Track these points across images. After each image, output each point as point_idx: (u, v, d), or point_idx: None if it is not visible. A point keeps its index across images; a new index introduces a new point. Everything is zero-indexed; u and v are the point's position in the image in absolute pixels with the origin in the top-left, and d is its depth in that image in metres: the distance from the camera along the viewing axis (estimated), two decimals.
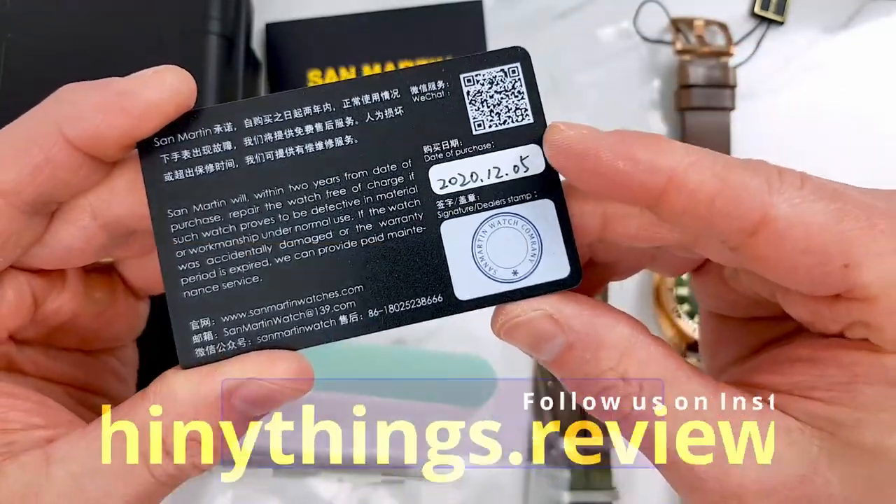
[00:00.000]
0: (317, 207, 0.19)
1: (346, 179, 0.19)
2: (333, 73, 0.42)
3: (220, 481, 0.38)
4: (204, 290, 0.19)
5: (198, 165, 0.19)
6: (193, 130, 0.19)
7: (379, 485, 0.38)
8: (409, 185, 0.20)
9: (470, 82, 0.20)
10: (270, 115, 0.19)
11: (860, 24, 0.45)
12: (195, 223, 0.19)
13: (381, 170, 0.19)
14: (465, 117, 0.20)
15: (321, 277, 0.19)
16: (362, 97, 0.19)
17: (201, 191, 0.19)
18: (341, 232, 0.19)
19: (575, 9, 0.44)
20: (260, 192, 0.19)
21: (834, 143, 0.43)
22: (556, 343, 0.18)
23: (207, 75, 0.35)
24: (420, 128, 0.20)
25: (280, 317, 0.19)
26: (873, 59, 0.45)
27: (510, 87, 0.20)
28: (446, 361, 0.37)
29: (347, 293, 0.19)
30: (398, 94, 0.20)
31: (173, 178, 0.19)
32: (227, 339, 0.19)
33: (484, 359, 0.37)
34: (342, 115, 0.19)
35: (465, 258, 0.20)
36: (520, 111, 0.20)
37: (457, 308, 0.20)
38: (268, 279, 0.19)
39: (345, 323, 0.19)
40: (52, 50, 0.35)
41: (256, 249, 0.19)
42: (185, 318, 0.19)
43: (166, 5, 0.35)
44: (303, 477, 0.38)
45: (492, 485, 0.39)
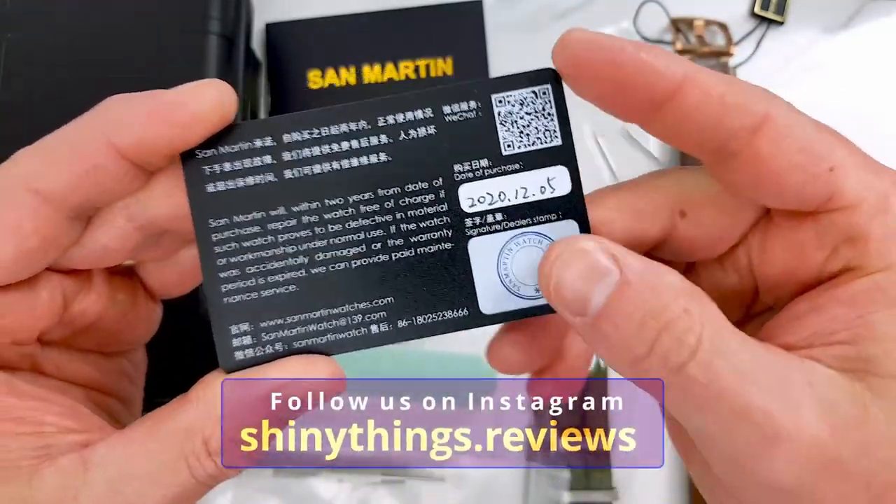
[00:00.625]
0: (351, 222, 0.20)
1: (380, 196, 0.20)
2: (333, 73, 0.42)
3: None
4: (244, 296, 0.20)
5: (238, 178, 0.20)
6: (234, 143, 0.20)
7: (379, 485, 0.38)
8: (439, 203, 0.20)
9: (501, 103, 0.20)
10: (309, 132, 0.20)
11: (860, 24, 0.45)
12: (236, 233, 0.20)
13: (413, 187, 0.20)
14: (496, 138, 0.20)
15: (354, 288, 0.20)
16: (396, 116, 0.20)
17: (242, 202, 0.20)
18: (374, 246, 0.20)
19: (575, 9, 0.44)
20: (298, 206, 0.20)
21: None
22: (611, 279, 0.17)
23: (207, 75, 0.35)
24: (451, 147, 0.20)
25: (316, 324, 0.20)
26: (873, 59, 0.45)
27: (540, 109, 0.20)
28: (446, 361, 0.37)
29: (379, 304, 0.20)
30: (431, 114, 0.20)
31: (215, 189, 0.20)
32: (266, 343, 0.20)
33: (483, 358, 0.37)
34: (377, 133, 0.20)
35: (490, 274, 0.20)
36: (549, 133, 0.20)
37: (481, 321, 0.21)
38: (304, 288, 0.20)
39: (376, 332, 0.21)
40: (52, 50, 0.35)
41: (294, 260, 0.20)
42: (226, 322, 0.20)
43: (166, 5, 0.35)
44: (303, 477, 0.38)
45: (492, 485, 0.39)
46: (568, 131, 0.20)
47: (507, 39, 0.43)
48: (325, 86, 0.42)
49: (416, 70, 0.42)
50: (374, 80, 0.42)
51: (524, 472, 0.39)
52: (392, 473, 0.38)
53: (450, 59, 0.42)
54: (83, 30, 0.35)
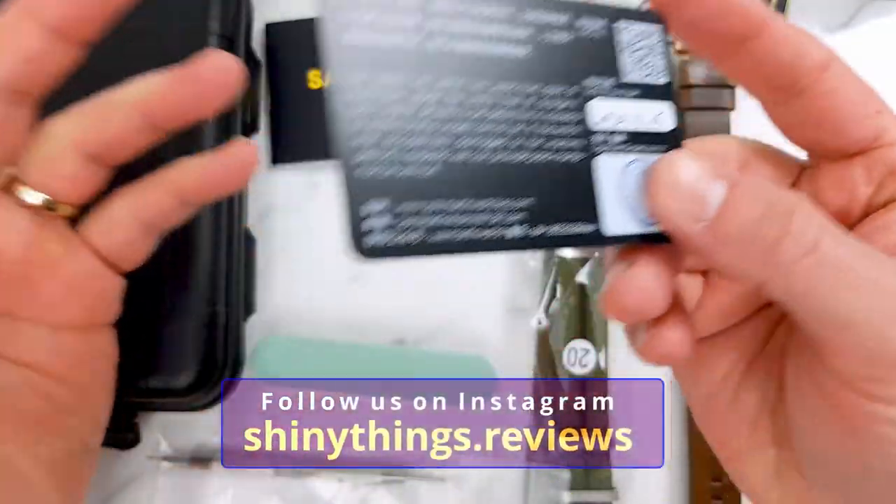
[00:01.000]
0: (494, 112, 0.18)
1: (522, 92, 0.19)
2: None
3: (220, 480, 0.38)
4: (379, 170, 0.17)
5: (380, 34, 0.17)
6: None
7: (379, 485, 0.38)
8: (572, 112, 0.19)
9: (626, 31, 0.20)
10: (457, 3, 0.18)
11: (860, 23, 0.45)
12: (374, 96, 0.17)
13: (552, 91, 0.19)
14: (617, 62, 0.20)
15: (496, 183, 0.18)
16: (539, 14, 0.19)
17: (382, 62, 0.17)
18: (514, 142, 0.18)
19: None
20: (442, 81, 0.18)
21: None
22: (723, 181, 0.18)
23: None
24: (583, 59, 0.20)
25: (455, 216, 0.18)
26: (874, 59, 0.45)
27: (653, 45, 0.20)
28: (446, 361, 0.37)
29: (520, 204, 0.18)
30: (567, 22, 0.19)
31: (351, 41, 0.17)
32: (404, 229, 0.17)
33: (484, 358, 0.37)
34: (521, 26, 0.19)
35: (613, 194, 0.19)
36: (657, 70, 0.21)
37: (603, 241, 0.19)
38: (445, 173, 0.17)
39: (511, 236, 0.18)
40: None
41: (435, 140, 0.17)
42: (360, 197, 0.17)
43: (166, 5, 0.35)
44: (303, 477, 0.38)
45: (492, 485, 0.39)
46: (671, 73, 0.21)
47: None
48: (326, 86, 0.42)
49: None
50: None
51: (524, 471, 0.39)
52: (392, 473, 0.38)
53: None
54: None
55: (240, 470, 0.37)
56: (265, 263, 0.40)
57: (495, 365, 0.37)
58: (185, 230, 0.33)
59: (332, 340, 0.38)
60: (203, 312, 0.33)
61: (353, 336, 0.39)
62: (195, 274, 0.33)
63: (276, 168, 0.41)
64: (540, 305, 0.40)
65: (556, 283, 0.40)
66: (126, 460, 0.38)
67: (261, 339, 0.37)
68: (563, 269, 0.40)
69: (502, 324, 0.40)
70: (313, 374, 0.36)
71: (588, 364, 0.39)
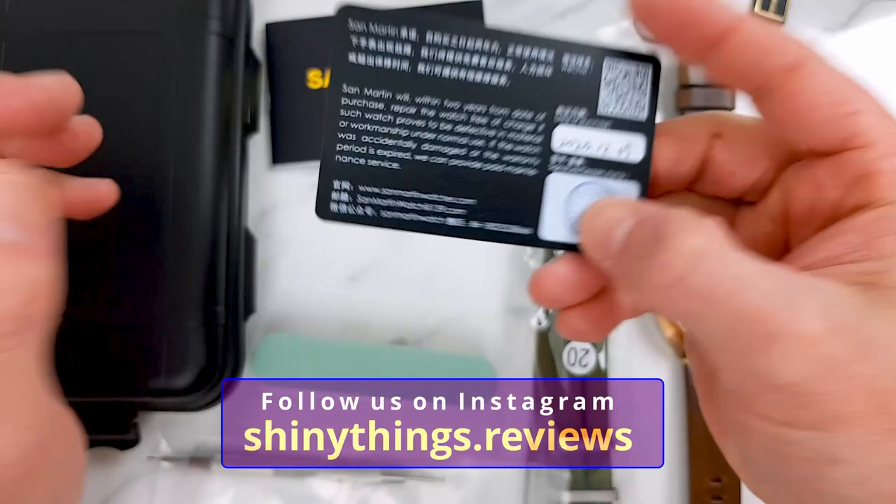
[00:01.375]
0: (461, 126, 0.23)
1: (491, 113, 0.23)
2: None
3: (221, 480, 0.38)
4: (353, 159, 0.23)
5: (378, 57, 0.22)
6: (383, 25, 0.22)
7: (379, 485, 0.38)
8: (536, 135, 0.23)
9: (610, 69, 0.23)
10: (450, 37, 0.23)
11: (860, 23, 0.45)
12: (363, 104, 0.23)
13: (520, 115, 0.23)
14: (597, 96, 0.23)
15: (445, 183, 0.23)
16: (524, 50, 0.23)
17: (375, 79, 0.22)
18: (472, 153, 0.23)
19: (574, 9, 0.44)
20: (420, 98, 0.23)
21: None
22: (627, 224, 0.20)
23: (207, 75, 0.35)
24: (560, 91, 0.23)
25: (404, 202, 0.23)
26: (874, 59, 0.45)
27: (638, 85, 0.23)
28: (446, 361, 0.37)
29: (461, 202, 0.23)
30: (552, 58, 0.23)
31: (356, 60, 0.22)
32: (359, 204, 0.23)
33: (484, 358, 0.37)
34: (504, 59, 0.23)
35: (557, 207, 0.24)
36: (639, 107, 0.23)
37: (537, 243, 0.24)
38: (405, 169, 0.23)
39: (451, 224, 0.23)
40: (52, 50, 0.35)
41: (403, 143, 0.23)
42: (331, 176, 0.23)
43: (166, 5, 0.35)
44: (303, 477, 0.38)
45: (492, 485, 0.39)
46: (654, 109, 0.23)
47: None
48: (325, 86, 0.42)
49: None
50: None
51: (524, 471, 0.39)
52: (392, 473, 0.38)
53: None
54: (84, 31, 0.35)
55: (240, 470, 0.37)
56: (265, 263, 0.40)
57: (495, 365, 0.37)
58: (184, 229, 0.33)
59: (332, 340, 0.38)
60: (203, 312, 0.33)
61: (353, 336, 0.39)
62: (195, 274, 0.33)
63: (275, 168, 0.41)
64: (539, 305, 0.40)
65: None
66: (126, 460, 0.38)
67: (261, 339, 0.38)
68: None
69: (502, 324, 0.40)
70: (313, 373, 0.36)
71: (588, 364, 0.39)
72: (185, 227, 0.33)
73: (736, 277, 0.18)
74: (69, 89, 0.25)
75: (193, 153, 0.34)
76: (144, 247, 0.32)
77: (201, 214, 0.33)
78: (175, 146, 0.34)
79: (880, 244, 0.18)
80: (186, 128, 0.34)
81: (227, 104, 0.36)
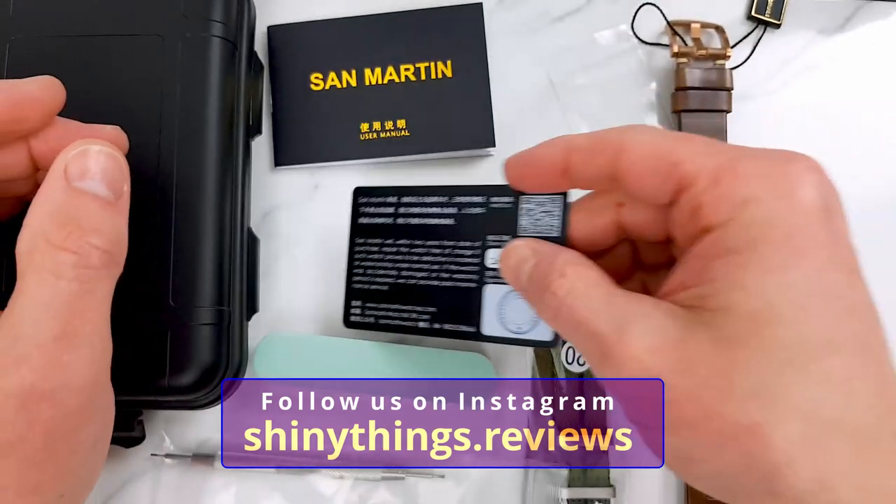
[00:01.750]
0: (424, 257, 0.32)
1: (443, 245, 0.32)
2: (334, 76, 0.42)
3: (223, 478, 0.38)
4: (362, 285, 0.34)
5: (375, 217, 0.34)
6: (377, 196, 0.34)
7: (379, 482, 0.38)
8: (474, 257, 0.31)
9: (527, 202, 0.30)
10: (416, 198, 0.33)
11: (856, 26, 0.45)
12: (366, 248, 0.34)
13: (463, 244, 0.31)
14: (517, 223, 0.30)
15: (416, 297, 0.33)
16: (463, 198, 0.32)
17: (372, 232, 0.34)
18: (432, 275, 0.32)
19: (573, 12, 0.45)
20: (399, 240, 0.33)
21: (830, 145, 0.43)
22: (529, 264, 0.26)
23: (210, 78, 0.35)
24: (489, 223, 0.31)
25: (392, 312, 0.33)
26: (870, 62, 0.45)
27: (550, 211, 0.29)
28: (446, 360, 0.37)
29: (427, 310, 0.32)
30: (483, 201, 0.31)
31: (362, 221, 0.34)
32: (367, 315, 0.34)
33: (484, 357, 0.37)
34: (450, 206, 0.32)
35: (492, 310, 0.31)
36: (551, 227, 0.29)
37: (480, 338, 0.31)
38: (390, 290, 0.33)
39: (421, 327, 0.33)
40: (56, 52, 0.35)
41: (389, 272, 0.33)
42: (351, 297, 0.34)
43: (170, 9, 0.36)
44: (304, 474, 0.38)
45: (491, 482, 0.39)
46: (565, 229, 0.28)
47: (506, 42, 0.44)
48: (327, 87, 0.42)
49: (417, 72, 0.42)
50: (374, 83, 0.42)
51: (523, 469, 0.39)
52: (392, 471, 0.38)
53: (450, 61, 0.42)
54: (87, 32, 0.35)
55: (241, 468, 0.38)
56: (268, 263, 0.41)
57: (495, 364, 0.37)
58: (189, 230, 0.33)
59: (332, 340, 0.38)
60: (209, 312, 0.33)
61: (353, 336, 0.40)
62: (201, 274, 0.33)
63: (278, 170, 0.42)
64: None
65: None
66: (129, 457, 0.38)
67: (262, 339, 0.38)
68: None
69: None
70: (313, 373, 0.36)
71: (586, 362, 0.40)
72: (189, 227, 0.33)
73: (589, 309, 0.22)
74: (49, 91, 0.28)
75: (197, 155, 0.34)
76: (150, 247, 0.33)
77: (206, 215, 0.34)
78: (179, 148, 0.34)
79: (712, 268, 0.21)
80: (190, 130, 0.34)
81: (230, 106, 0.36)
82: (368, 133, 0.41)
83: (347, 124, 0.42)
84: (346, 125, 0.42)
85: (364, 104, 0.42)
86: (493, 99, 0.42)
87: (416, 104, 0.42)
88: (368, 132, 0.41)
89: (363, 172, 0.42)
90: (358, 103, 0.42)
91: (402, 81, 0.42)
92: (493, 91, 0.42)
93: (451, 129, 0.41)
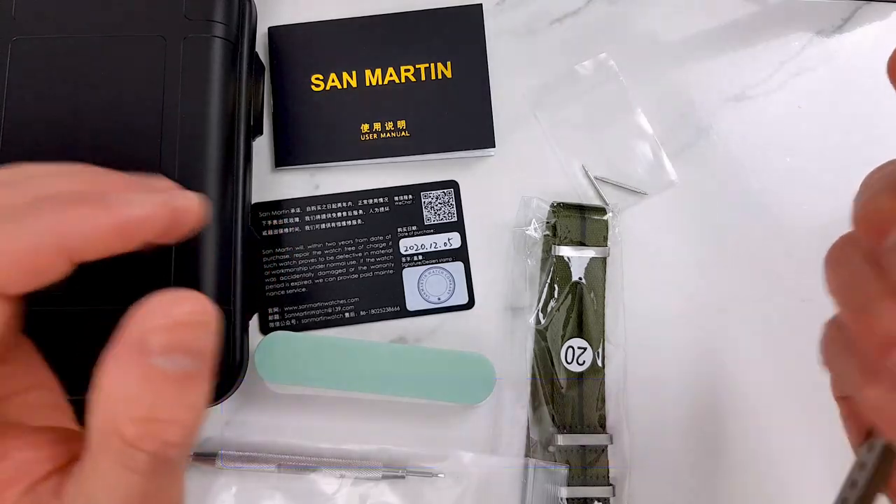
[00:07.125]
0: (339, 255, 0.38)
1: (356, 242, 0.38)
2: (335, 77, 0.42)
3: (225, 476, 0.39)
4: (276, 293, 0.38)
5: (280, 229, 0.39)
6: (280, 210, 0.39)
7: (380, 480, 0.38)
8: (388, 248, 0.38)
9: (426, 196, 0.39)
10: (320, 206, 0.39)
11: (854, 27, 0.45)
12: (275, 258, 0.38)
13: (375, 239, 0.38)
14: (421, 215, 0.39)
15: (337, 292, 0.38)
16: (368, 200, 0.39)
17: (280, 241, 0.38)
18: (350, 269, 0.38)
19: (571, 13, 0.45)
20: (311, 245, 0.38)
21: (827, 146, 0.43)
22: None
23: (211, 79, 0.35)
24: (397, 219, 0.39)
25: (314, 310, 0.38)
26: (867, 63, 0.45)
27: (447, 201, 0.39)
28: (446, 359, 0.37)
29: (351, 301, 0.38)
30: (387, 200, 0.39)
31: (268, 233, 0.39)
32: (286, 319, 0.38)
33: (484, 356, 0.37)
34: (357, 209, 0.39)
35: (414, 288, 0.38)
36: (450, 214, 0.39)
37: (407, 314, 0.38)
38: (309, 291, 0.38)
39: (346, 317, 0.38)
40: (58, 52, 0.35)
41: (305, 275, 0.38)
42: (266, 306, 0.38)
43: (171, 10, 0.36)
44: (305, 473, 0.38)
45: (491, 480, 0.39)
46: (461, 213, 0.37)
47: (505, 43, 0.44)
48: (327, 88, 0.42)
49: (417, 73, 0.42)
50: (374, 83, 0.42)
51: (522, 468, 0.39)
52: (393, 469, 0.38)
53: (449, 62, 0.42)
54: (89, 34, 0.35)
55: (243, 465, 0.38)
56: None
57: (495, 363, 0.37)
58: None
59: (332, 339, 0.38)
60: None
61: (353, 334, 0.40)
62: (205, 274, 0.33)
63: (279, 170, 0.42)
64: (538, 304, 0.40)
65: (554, 282, 0.40)
66: None
67: (262, 338, 0.38)
68: (559, 269, 0.40)
69: (502, 323, 0.41)
70: (314, 372, 0.36)
71: (585, 362, 0.40)
72: None
73: None
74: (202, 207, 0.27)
75: (198, 155, 0.34)
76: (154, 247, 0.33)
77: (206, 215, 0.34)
78: (180, 149, 0.34)
79: None
80: (191, 131, 0.34)
81: (231, 107, 0.36)
82: (369, 134, 0.42)
83: (348, 125, 0.42)
84: (346, 126, 0.42)
85: (364, 105, 0.42)
86: (492, 100, 0.42)
87: (416, 105, 0.42)
88: (369, 133, 0.42)
89: (363, 173, 0.42)
90: (358, 104, 0.42)
91: (403, 82, 0.42)
92: (493, 92, 0.42)
93: (451, 130, 0.42)
